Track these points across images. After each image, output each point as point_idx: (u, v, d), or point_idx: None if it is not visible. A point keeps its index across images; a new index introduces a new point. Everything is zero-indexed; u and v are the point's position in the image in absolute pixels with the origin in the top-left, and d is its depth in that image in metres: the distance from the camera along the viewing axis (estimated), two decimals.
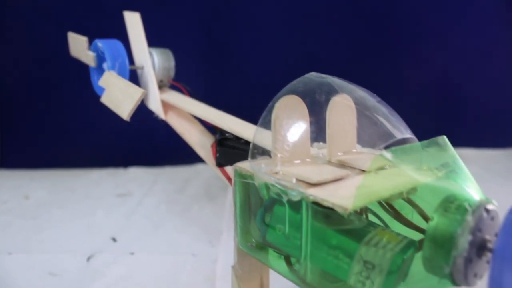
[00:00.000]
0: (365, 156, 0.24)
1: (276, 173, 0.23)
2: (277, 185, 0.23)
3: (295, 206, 0.23)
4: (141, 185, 0.59)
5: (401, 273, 0.21)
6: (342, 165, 0.24)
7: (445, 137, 0.23)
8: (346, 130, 0.26)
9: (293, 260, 0.24)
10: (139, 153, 0.68)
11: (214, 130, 0.36)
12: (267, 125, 0.25)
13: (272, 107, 0.25)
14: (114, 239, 0.43)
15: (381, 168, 0.23)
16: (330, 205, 0.20)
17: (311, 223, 0.22)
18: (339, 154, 0.25)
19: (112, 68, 0.39)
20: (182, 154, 0.61)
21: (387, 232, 0.23)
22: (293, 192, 0.22)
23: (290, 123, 0.25)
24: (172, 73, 0.43)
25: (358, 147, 0.26)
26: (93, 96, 0.42)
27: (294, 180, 0.22)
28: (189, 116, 0.40)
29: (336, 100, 0.26)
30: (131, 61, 0.43)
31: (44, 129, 0.70)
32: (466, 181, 0.22)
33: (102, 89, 0.39)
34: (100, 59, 0.41)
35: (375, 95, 0.26)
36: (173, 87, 0.44)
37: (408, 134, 0.24)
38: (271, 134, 0.24)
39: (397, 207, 0.23)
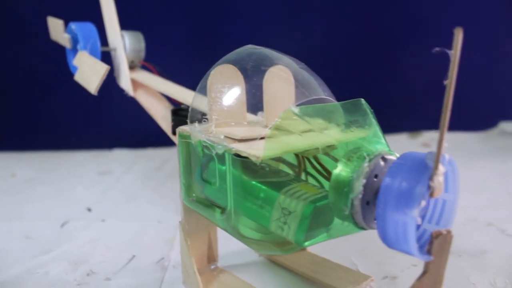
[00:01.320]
0: None
1: (210, 132, 0.26)
2: (207, 141, 0.26)
3: (222, 160, 0.25)
4: (122, 164, 0.62)
5: (316, 219, 0.24)
6: None
7: (362, 99, 0.25)
8: (282, 98, 0.29)
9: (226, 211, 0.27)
10: (124, 136, 0.71)
11: (178, 105, 0.39)
12: (203, 90, 0.28)
13: (209, 75, 0.28)
14: (89, 209, 0.46)
15: (306, 130, 0.25)
16: (245, 155, 0.23)
17: (234, 174, 0.25)
18: (276, 119, 0.27)
19: (84, 48, 0.42)
20: (164, 137, 0.64)
21: (309, 185, 0.26)
22: (219, 145, 0.25)
23: (225, 89, 0.28)
24: (142, 54, 0.46)
25: None
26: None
27: (222, 137, 0.25)
28: (156, 93, 0.43)
29: (272, 70, 0.29)
30: (105, 43, 0.46)
31: (33, 112, 0.73)
32: (374, 136, 0.25)
33: (76, 69, 0.42)
34: (75, 41, 0.44)
35: (302, 63, 0.29)
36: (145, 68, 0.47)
37: (324, 95, 0.26)
38: (207, 98, 0.27)
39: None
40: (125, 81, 0.44)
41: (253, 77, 0.28)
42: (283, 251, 0.26)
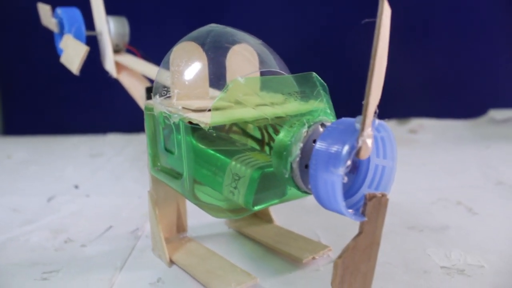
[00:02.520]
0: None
1: (171, 105, 0.28)
2: (166, 111, 0.27)
3: (179, 129, 0.27)
4: (114, 148, 0.64)
5: (264, 184, 0.25)
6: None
7: (313, 73, 0.27)
8: (246, 74, 0.30)
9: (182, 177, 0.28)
10: (118, 121, 0.73)
11: None
12: (166, 65, 0.29)
13: (172, 51, 0.29)
14: (76, 186, 0.48)
15: (256, 102, 0.26)
16: (196, 122, 0.25)
17: (189, 142, 0.26)
18: (240, 95, 0.28)
19: (69, 32, 0.44)
20: None
21: (262, 154, 0.27)
22: (175, 115, 0.26)
23: (186, 64, 0.29)
24: (126, 38, 0.48)
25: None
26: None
27: (180, 107, 0.27)
28: (138, 75, 0.45)
29: (235, 48, 0.30)
30: (92, 27, 0.48)
31: (31, 99, 0.76)
32: (321, 107, 0.26)
33: (62, 51, 0.44)
34: (61, 25, 0.46)
35: (260, 40, 0.30)
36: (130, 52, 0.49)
37: (277, 69, 0.28)
38: (170, 73, 0.29)
39: None
40: (109, 63, 0.46)
41: (215, 53, 0.30)
42: (235, 215, 0.27)
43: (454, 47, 0.73)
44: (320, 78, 0.27)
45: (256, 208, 0.25)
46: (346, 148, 0.20)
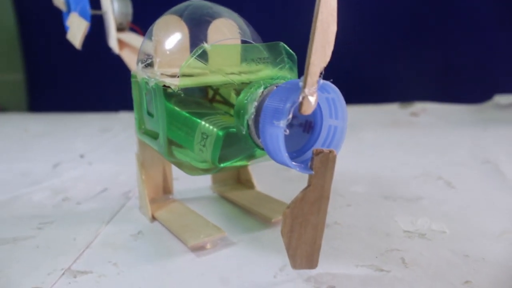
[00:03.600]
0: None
1: (152, 71, 0.30)
2: (145, 76, 0.30)
3: (156, 92, 0.29)
4: (123, 124, 0.68)
5: (229, 143, 0.27)
6: None
7: (281, 42, 0.29)
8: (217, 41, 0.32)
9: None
10: (130, 100, 0.76)
11: None
12: (149, 36, 0.32)
13: (155, 23, 0.32)
14: (81, 156, 0.52)
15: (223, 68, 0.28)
16: (167, 85, 0.27)
17: (165, 104, 0.29)
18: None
19: (75, 10, 0.47)
20: None
21: (231, 117, 0.29)
22: (152, 79, 0.29)
23: (167, 35, 0.31)
24: (129, 17, 0.51)
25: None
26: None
27: (158, 73, 0.29)
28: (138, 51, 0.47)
29: (217, 21, 0.32)
30: (98, 6, 0.51)
31: (55, 78, 0.80)
32: (284, 73, 0.28)
33: (69, 29, 0.47)
34: (68, 4, 0.49)
35: (236, 13, 0.32)
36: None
37: (248, 39, 0.30)
38: (152, 43, 0.31)
39: None
40: (112, 41, 0.49)
41: (195, 25, 0.32)
42: (205, 172, 0.29)
43: (462, 32, 0.73)
44: (288, 48, 0.29)
45: (222, 165, 0.28)
46: (289, 103, 0.22)
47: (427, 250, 0.29)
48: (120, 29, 0.50)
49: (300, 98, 0.21)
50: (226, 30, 0.33)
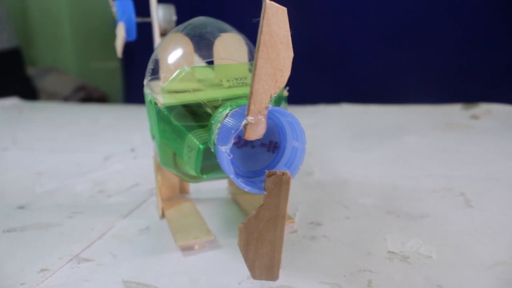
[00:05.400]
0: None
1: (153, 86, 0.34)
2: (147, 92, 0.33)
3: (150, 106, 0.33)
4: None
5: (209, 156, 0.29)
6: None
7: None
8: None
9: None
10: None
11: None
12: (156, 53, 0.35)
13: (161, 41, 0.35)
14: (132, 150, 0.58)
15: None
16: (156, 102, 0.30)
17: (161, 116, 0.32)
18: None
19: (121, 19, 0.52)
20: None
21: None
22: (148, 95, 0.32)
23: (172, 51, 0.34)
24: (173, 24, 0.55)
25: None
26: None
27: (159, 88, 0.33)
28: None
29: (223, 36, 0.35)
30: (146, 14, 0.56)
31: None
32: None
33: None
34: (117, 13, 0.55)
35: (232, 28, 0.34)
36: None
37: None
38: (160, 60, 0.35)
39: None
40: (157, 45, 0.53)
41: (201, 42, 0.35)
42: (194, 180, 0.32)
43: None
44: None
45: (205, 176, 0.30)
46: (233, 129, 0.23)
47: (400, 274, 0.28)
48: (164, 35, 0.55)
49: (242, 126, 0.23)
50: (231, 46, 0.35)
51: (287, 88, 0.32)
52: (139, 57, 0.88)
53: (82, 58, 1.47)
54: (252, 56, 0.34)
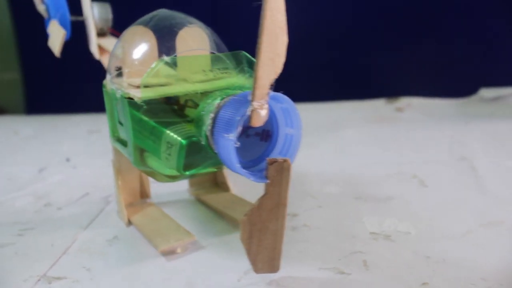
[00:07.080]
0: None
1: (120, 82, 0.31)
2: (113, 87, 0.31)
3: (123, 103, 0.30)
4: None
5: (192, 151, 0.28)
6: None
7: (242, 51, 0.29)
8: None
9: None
10: None
11: None
12: (118, 47, 0.32)
13: (123, 34, 0.32)
14: (67, 159, 0.53)
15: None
16: (132, 96, 0.28)
17: (133, 114, 0.30)
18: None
19: (54, 17, 0.48)
20: None
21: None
22: (118, 90, 0.30)
23: (136, 45, 0.32)
24: (110, 23, 0.51)
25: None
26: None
27: (125, 84, 0.30)
28: None
29: (185, 30, 0.33)
30: (79, 12, 0.51)
31: (50, 80, 0.81)
32: (241, 81, 0.29)
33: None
34: (49, 11, 0.50)
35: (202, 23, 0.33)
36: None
37: (214, 48, 0.31)
38: (121, 54, 0.32)
39: None
40: (93, 46, 0.49)
41: (163, 35, 0.33)
42: (172, 179, 0.30)
43: (448, 25, 0.73)
44: (250, 56, 0.29)
45: (188, 172, 0.29)
46: (238, 116, 0.23)
47: (389, 251, 0.30)
48: (100, 34, 0.51)
49: (249, 112, 0.22)
50: (194, 39, 0.33)
51: None
52: (42, 66, 0.81)
53: None
54: (216, 48, 0.33)
